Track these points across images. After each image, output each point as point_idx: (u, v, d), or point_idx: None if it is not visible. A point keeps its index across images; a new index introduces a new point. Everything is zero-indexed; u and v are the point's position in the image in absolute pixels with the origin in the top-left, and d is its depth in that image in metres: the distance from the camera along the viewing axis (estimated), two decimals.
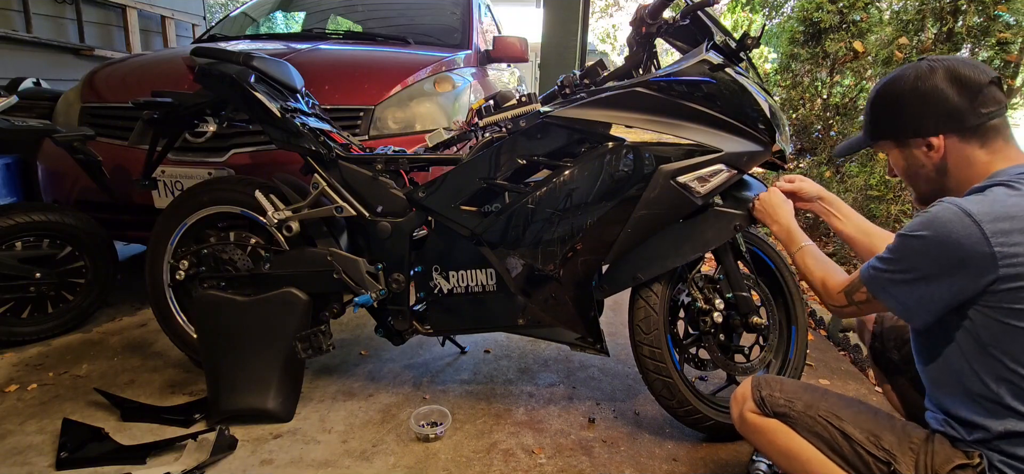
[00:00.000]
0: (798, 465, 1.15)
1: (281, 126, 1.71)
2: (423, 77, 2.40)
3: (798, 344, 1.73)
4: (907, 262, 1.01)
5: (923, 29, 3.35)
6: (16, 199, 2.59)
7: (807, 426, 1.13)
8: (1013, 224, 0.91)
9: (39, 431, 1.64)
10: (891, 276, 1.04)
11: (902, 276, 1.02)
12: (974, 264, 0.94)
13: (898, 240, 1.03)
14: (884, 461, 1.05)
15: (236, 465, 1.51)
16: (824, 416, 1.13)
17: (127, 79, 2.45)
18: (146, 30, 4.85)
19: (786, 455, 1.17)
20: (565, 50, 4.92)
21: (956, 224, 0.94)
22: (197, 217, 1.84)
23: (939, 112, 1.05)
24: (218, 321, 1.70)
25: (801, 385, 1.22)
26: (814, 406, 1.15)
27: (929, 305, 1.01)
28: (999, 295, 0.94)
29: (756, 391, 1.21)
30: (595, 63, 1.72)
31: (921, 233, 0.98)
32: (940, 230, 0.95)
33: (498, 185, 1.63)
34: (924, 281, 0.99)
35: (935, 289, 0.99)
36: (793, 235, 1.36)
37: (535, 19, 7.11)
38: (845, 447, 1.09)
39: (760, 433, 1.20)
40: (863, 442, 1.08)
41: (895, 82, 1.10)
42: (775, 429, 1.17)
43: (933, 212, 0.97)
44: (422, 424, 1.67)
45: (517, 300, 1.68)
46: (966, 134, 1.04)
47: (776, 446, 1.18)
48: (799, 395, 1.17)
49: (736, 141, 1.51)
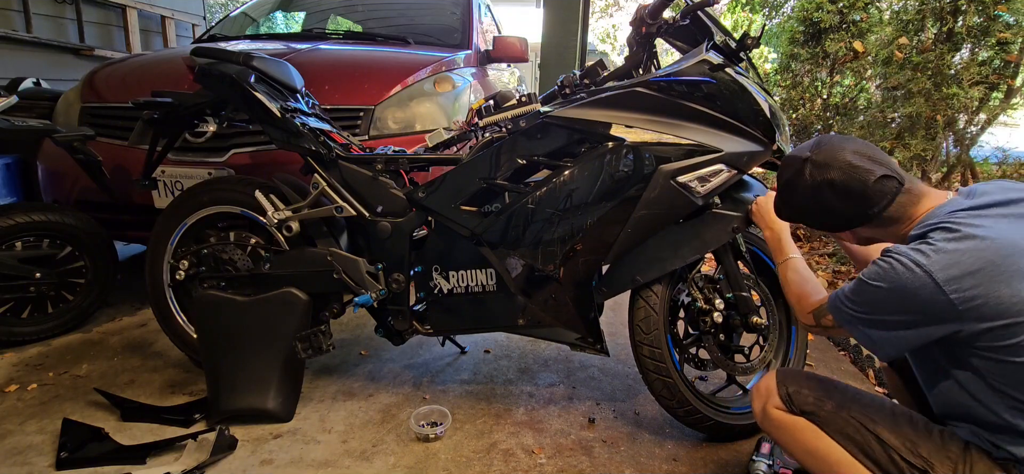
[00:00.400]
0: (825, 466, 1.12)
1: (281, 126, 1.71)
2: (423, 77, 2.40)
3: (798, 344, 1.73)
4: (869, 306, 1.04)
5: (923, 29, 3.35)
6: (16, 199, 2.59)
7: (837, 427, 1.11)
8: (961, 270, 0.94)
9: (39, 431, 1.64)
10: (854, 313, 1.07)
11: (865, 316, 1.06)
12: (937, 313, 0.97)
13: (858, 284, 1.06)
14: (921, 469, 1.04)
15: (236, 465, 1.51)
16: (857, 418, 1.11)
17: (127, 79, 2.44)
18: (146, 30, 4.85)
19: (813, 455, 1.14)
20: (565, 50, 4.92)
21: (908, 277, 0.97)
22: (197, 217, 1.84)
23: (840, 219, 1.11)
24: (218, 321, 1.70)
25: (829, 382, 1.20)
26: (846, 407, 1.13)
27: (895, 345, 1.05)
28: (984, 336, 0.95)
29: (782, 386, 1.18)
30: (595, 63, 1.72)
31: (879, 285, 1.01)
32: (895, 283, 0.99)
33: (498, 185, 1.63)
34: (884, 326, 1.03)
35: (899, 332, 1.02)
36: (783, 245, 1.39)
37: (535, 19, 7.11)
38: (878, 451, 1.07)
39: (785, 430, 1.18)
40: (898, 447, 1.06)
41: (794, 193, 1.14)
42: (802, 428, 1.15)
43: (888, 264, 1.00)
44: (422, 424, 1.67)
45: (517, 300, 1.68)
46: (872, 222, 1.09)
47: (802, 445, 1.16)
48: (829, 394, 1.15)
49: (736, 141, 1.51)
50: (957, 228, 0.97)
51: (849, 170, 1.06)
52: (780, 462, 1.45)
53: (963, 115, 3.38)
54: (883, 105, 3.55)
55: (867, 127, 3.58)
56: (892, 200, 1.06)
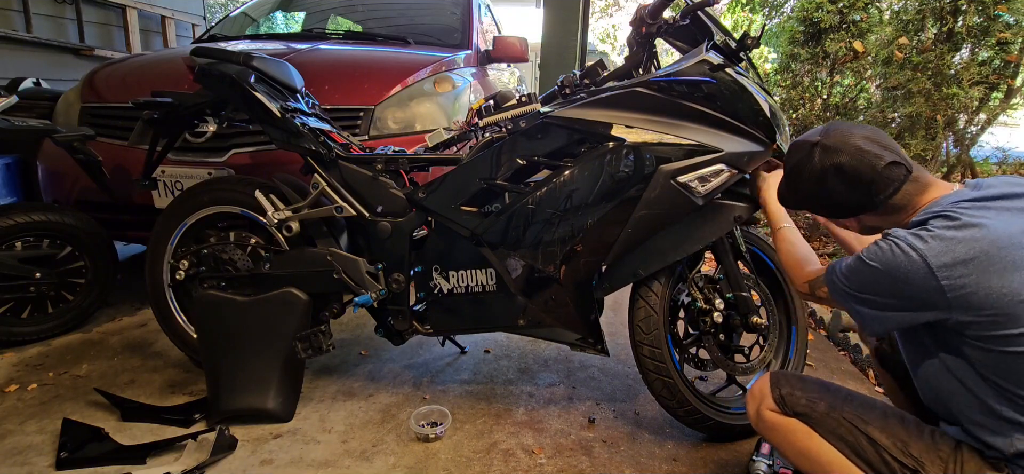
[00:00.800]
0: (818, 467, 1.13)
1: (281, 126, 1.71)
2: (423, 77, 2.40)
3: (798, 344, 1.73)
4: (863, 285, 1.06)
5: (923, 29, 3.35)
6: (16, 199, 2.59)
7: (830, 428, 1.12)
8: (954, 258, 0.95)
9: (39, 431, 1.64)
10: (847, 288, 1.09)
11: (857, 293, 1.07)
12: (925, 298, 0.98)
13: (856, 261, 1.07)
14: (912, 469, 1.04)
15: (236, 465, 1.51)
16: (849, 418, 1.12)
17: (127, 79, 2.44)
18: (146, 30, 4.85)
19: (806, 456, 1.15)
20: (565, 50, 4.92)
21: (903, 260, 0.98)
22: (197, 217, 1.84)
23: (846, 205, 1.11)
24: (218, 321, 1.70)
25: (822, 384, 1.20)
26: (838, 408, 1.13)
27: (882, 323, 1.06)
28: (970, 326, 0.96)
29: (776, 388, 1.19)
30: (595, 63, 1.72)
31: (874, 264, 1.03)
32: (889, 265, 1.00)
33: (498, 185, 1.63)
34: (874, 305, 1.05)
35: (887, 313, 1.04)
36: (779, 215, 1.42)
37: (535, 19, 7.11)
38: (870, 451, 1.08)
39: (778, 432, 1.19)
40: (890, 447, 1.07)
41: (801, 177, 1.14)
42: (794, 429, 1.16)
43: (887, 246, 1.02)
44: (422, 424, 1.67)
45: (517, 300, 1.68)
46: (878, 209, 1.09)
47: (795, 446, 1.17)
48: (821, 395, 1.16)
49: (736, 141, 1.51)
50: (957, 217, 0.98)
51: (858, 155, 1.06)
52: (780, 462, 1.45)
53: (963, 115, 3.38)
54: (883, 105, 3.55)
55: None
56: (899, 187, 1.06)
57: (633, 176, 1.52)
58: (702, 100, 1.50)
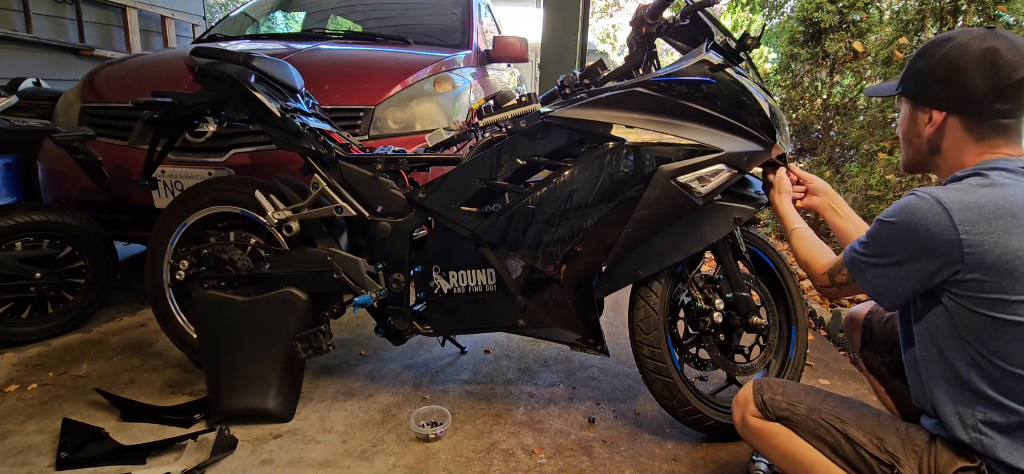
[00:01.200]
0: (801, 468, 1.15)
1: (281, 126, 1.71)
2: (423, 77, 2.40)
3: (798, 344, 1.73)
4: (880, 246, 1.05)
5: (923, 29, 3.35)
6: (16, 199, 2.59)
7: (810, 429, 1.14)
8: (979, 213, 0.94)
9: (39, 431, 1.64)
10: (866, 259, 1.08)
11: (875, 260, 1.06)
12: (941, 250, 0.96)
13: (875, 224, 1.06)
14: (887, 464, 1.06)
15: (236, 465, 1.51)
16: (826, 419, 1.13)
17: (127, 79, 2.44)
18: (146, 30, 4.85)
19: (788, 458, 1.17)
20: (565, 50, 4.92)
21: (925, 211, 0.97)
22: (197, 217, 1.84)
23: (956, 91, 1.03)
24: (218, 321, 1.70)
25: (803, 388, 1.22)
26: (816, 409, 1.15)
27: (898, 288, 1.04)
28: (967, 284, 0.96)
29: (758, 395, 1.21)
30: (595, 63, 1.72)
31: (892, 219, 1.02)
32: (910, 217, 0.99)
33: (498, 186, 1.63)
34: (894, 266, 1.03)
35: (903, 272, 1.02)
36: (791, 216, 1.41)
37: (535, 19, 7.11)
38: (848, 450, 1.10)
39: (762, 437, 1.21)
40: (866, 444, 1.08)
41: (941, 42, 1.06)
42: (777, 432, 1.18)
43: (906, 200, 1.01)
44: (422, 424, 1.67)
45: (517, 300, 1.68)
46: (971, 122, 1.03)
47: (778, 449, 1.19)
48: (801, 398, 1.18)
49: (737, 141, 1.51)
50: (989, 176, 0.97)
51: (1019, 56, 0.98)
52: None
53: None
54: (883, 105, 3.55)
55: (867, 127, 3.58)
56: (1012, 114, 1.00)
57: (633, 176, 1.52)
58: (702, 100, 1.50)
